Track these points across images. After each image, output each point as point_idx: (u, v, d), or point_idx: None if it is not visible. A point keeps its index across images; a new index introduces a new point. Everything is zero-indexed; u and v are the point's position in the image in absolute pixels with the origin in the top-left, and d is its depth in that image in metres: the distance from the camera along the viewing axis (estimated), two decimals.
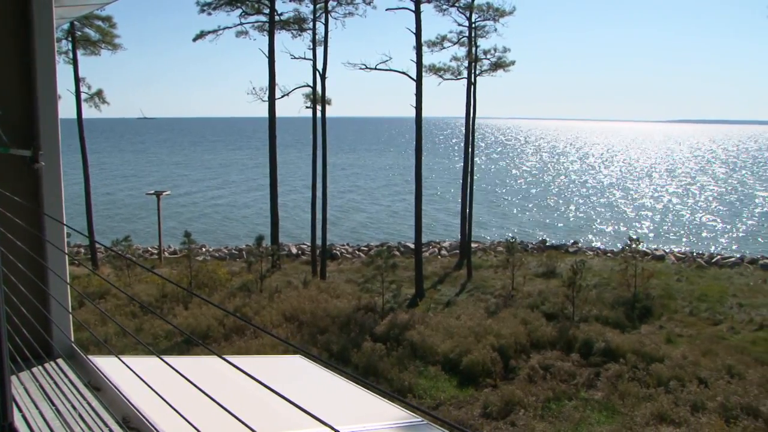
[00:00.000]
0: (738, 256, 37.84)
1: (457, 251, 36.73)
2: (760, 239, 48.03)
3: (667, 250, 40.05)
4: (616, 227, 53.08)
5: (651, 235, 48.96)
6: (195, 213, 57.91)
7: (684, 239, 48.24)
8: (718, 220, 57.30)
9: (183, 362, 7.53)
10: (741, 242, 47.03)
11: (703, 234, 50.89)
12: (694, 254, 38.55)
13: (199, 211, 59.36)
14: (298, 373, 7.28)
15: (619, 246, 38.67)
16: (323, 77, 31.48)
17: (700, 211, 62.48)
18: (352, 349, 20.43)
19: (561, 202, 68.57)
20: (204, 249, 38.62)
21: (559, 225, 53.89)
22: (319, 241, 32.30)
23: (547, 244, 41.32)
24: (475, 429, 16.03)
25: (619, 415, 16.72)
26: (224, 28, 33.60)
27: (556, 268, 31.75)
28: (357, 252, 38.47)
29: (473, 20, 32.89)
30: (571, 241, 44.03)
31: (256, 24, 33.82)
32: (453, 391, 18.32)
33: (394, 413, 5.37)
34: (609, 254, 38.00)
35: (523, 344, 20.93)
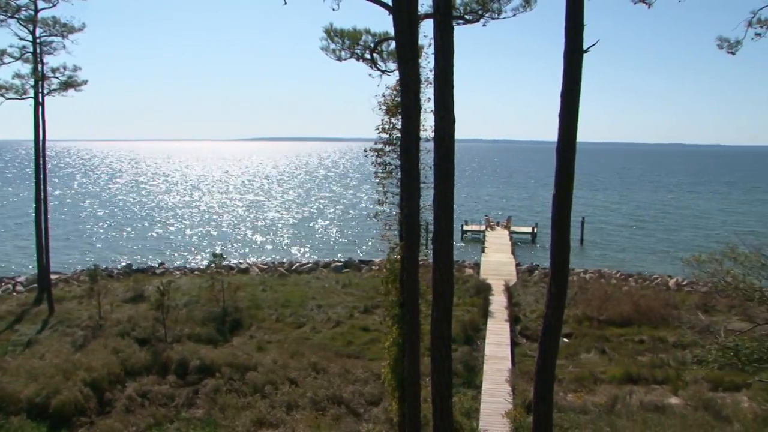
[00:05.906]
0: (314, 261, 41.62)
1: (35, 285, 33.48)
2: (326, 244, 53.41)
3: (250, 262, 42.13)
4: (200, 244, 53.88)
5: (234, 248, 50.82)
6: None
7: (265, 250, 51.10)
8: (294, 229, 62.09)
9: None
10: (314, 248, 51.67)
11: (283, 243, 54.64)
12: (276, 264, 41.28)
13: None
14: None
15: (205, 263, 39.43)
16: None
17: (276, 222, 66.93)
18: None
19: (142, 224, 66.99)
20: None
21: (143, 247, 52.53)
22: None
23: (134, 267, 40.11)
24: None
25: (221, 428, 17.11)
26: None
27: (144, 291, 31.01)
28: None
29: (38, 35, 30.56)
30: (158, 262, 43.48)
31: None
32: None
33: None
34: (196, 272, 38.51)
35: (117, 374, 20.17)
